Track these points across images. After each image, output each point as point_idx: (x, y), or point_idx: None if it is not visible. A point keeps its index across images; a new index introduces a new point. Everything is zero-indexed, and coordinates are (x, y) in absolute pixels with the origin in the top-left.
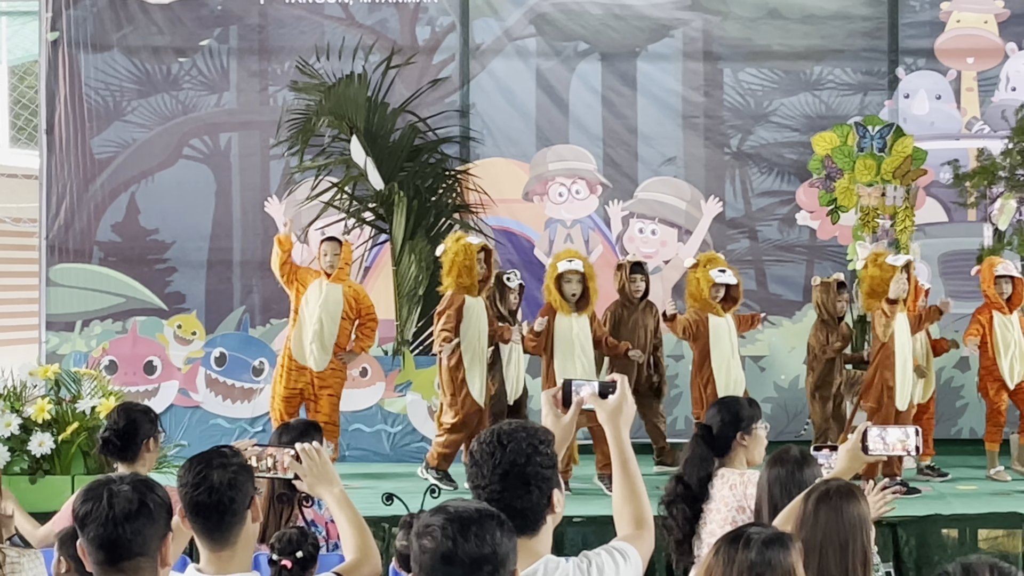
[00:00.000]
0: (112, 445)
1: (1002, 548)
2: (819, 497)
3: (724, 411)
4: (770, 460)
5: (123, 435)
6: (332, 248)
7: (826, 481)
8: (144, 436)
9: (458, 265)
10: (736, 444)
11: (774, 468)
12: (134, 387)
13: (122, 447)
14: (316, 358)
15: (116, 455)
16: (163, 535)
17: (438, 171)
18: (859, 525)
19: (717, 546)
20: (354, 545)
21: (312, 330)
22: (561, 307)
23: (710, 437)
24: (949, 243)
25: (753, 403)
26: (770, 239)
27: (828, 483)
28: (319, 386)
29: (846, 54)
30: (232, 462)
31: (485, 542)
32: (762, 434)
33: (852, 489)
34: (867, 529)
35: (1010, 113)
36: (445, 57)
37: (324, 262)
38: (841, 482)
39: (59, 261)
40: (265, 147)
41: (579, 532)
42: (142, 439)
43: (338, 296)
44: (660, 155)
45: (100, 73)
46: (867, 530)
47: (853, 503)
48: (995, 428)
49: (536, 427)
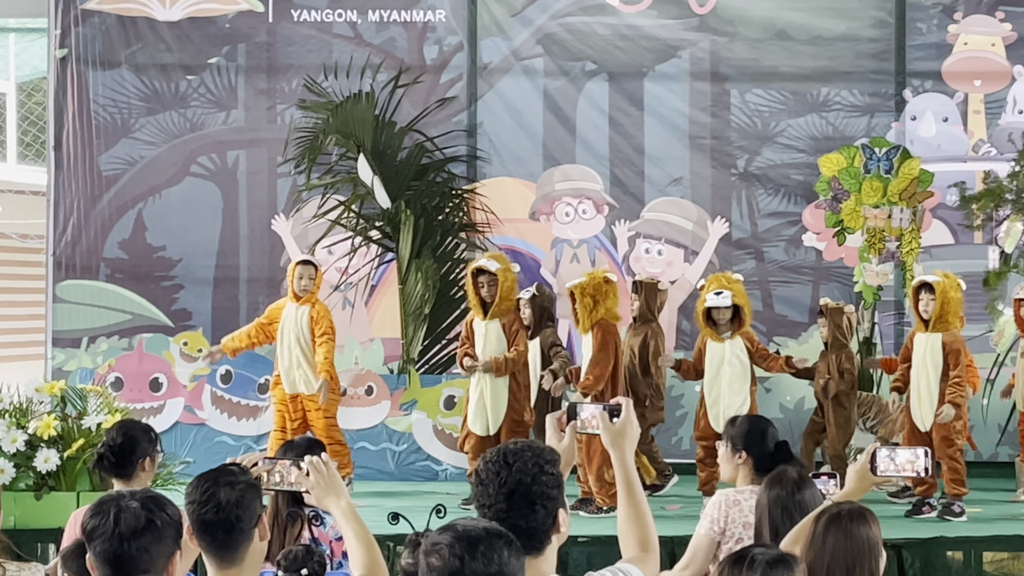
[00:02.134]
0: (107, 461)
1: (1008, 571)
2: (830, 519)
3: None
4: (768, 481)
5: (119, 452)
6: (307, 271)
7: (838, 504)
8: (141, 455)
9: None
10: None
11: (773, 489)
12: (140, 404)
13: (117, 464)
14: (307, 382)
15: (111, 472)
16: (170, 553)
17: (445, 190)
18: (868, 550)
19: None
20: (362, 561)
21: (294, 356)
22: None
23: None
24: (955, 265)
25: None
26: (776, 260)
27: (840, 505)
28: (313, 408)
29: (853, 76)
30: (240, 480)
31: (492, 561)
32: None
33: (864, 512)
34: (876, 554)
35: (1017, 136)
36: (453, 76)
37: (298, 285)
38: (854, 505)
39: (66, 277)
40: (272, 165)
41: (584, 552)
42: (139, 457)
43: (305, 318)
44: (667, 175)
45: (108, 90)
46: (876, 555)
47: (864, 527)
48: None
49: (542, 447)
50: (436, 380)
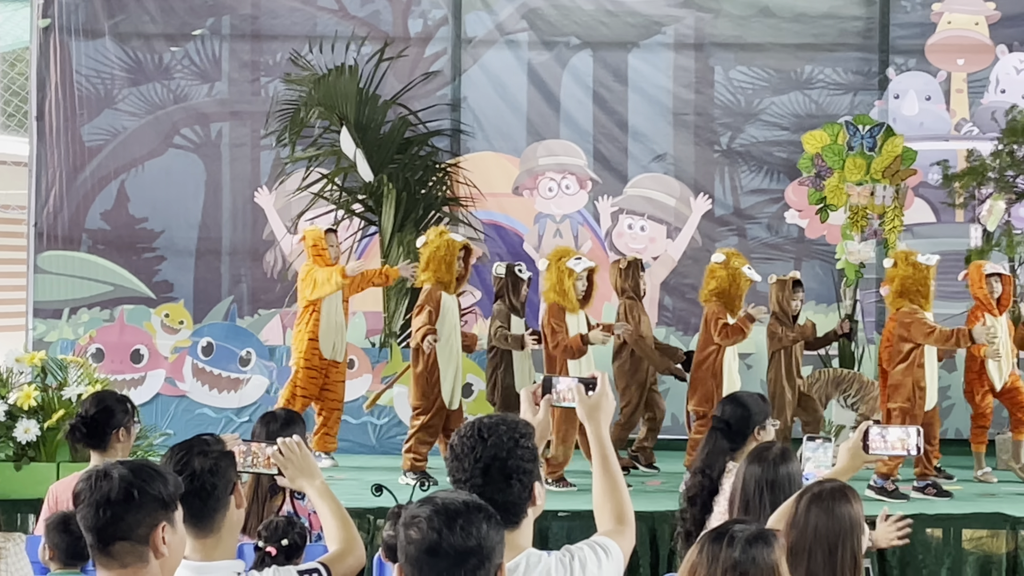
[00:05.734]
0: (79, 432)
1: (986, 548)
2: (811, 498)
3: (741, 405)
4: (750, 455)
5: (93, 423)
6: (335, 239)
7: (820, 482)
8: (116, 426)
9: (438, 259)
10: (751, 439)
11: (752, 464)
12: (120, 375)
13: (90, 435)
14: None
15: (85, 443)
16: (153, 523)
17: (428, 164)
18: (849, 528)
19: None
20: (338, 536)
21: (336, 321)
22: None
23: (728, 431)
24: (937, 243)
25: (764, 399)
26: (758, 237)
27: (823, 483)
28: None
29: (837, 53)
30: (213, 449)
31: (471, 535)
32: (771, 430)
33: (846, 490)
34: (858, 533)
35: (1000, 115)
36: (437, 50)
37: (333, 253)
38: (836, 483)
39: (47, 248)
40: (256, 137)
41: (564, 526)
42: (113, 428)
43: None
44: (650, 151)
45: (91, 61)
46: (858, 534)
47: (845, 505)
48: (980, 430)
49: (517, 420)
50: None
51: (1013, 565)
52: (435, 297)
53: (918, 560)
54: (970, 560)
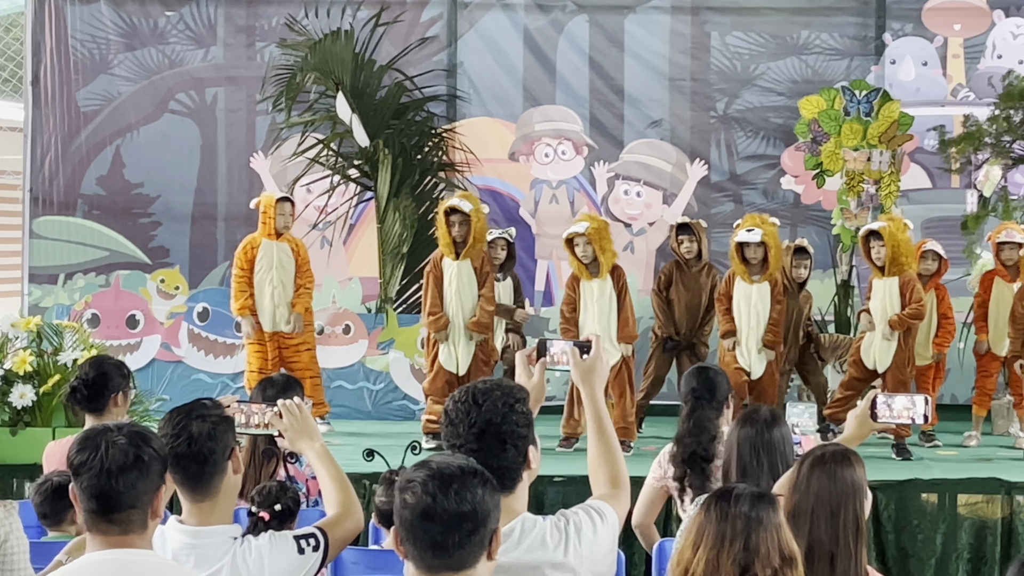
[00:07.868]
0: (79, 395)
1: (981, 514)
2: (814, 461)
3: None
4: (740, 419)
5: (92, 386)
6: (288, 208)
7: (822, 446)
8: (113, 389)
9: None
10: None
11: (744, 427)
12: (116, 341)
13: (90, 398)
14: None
15: (83, 406)
16: (156, 488)
17: (424, 129)
18: (852, 492)
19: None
20: (336, 500)
21: (276, 293)
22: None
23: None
24: (932, 209)
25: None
26: (755, 203)
27: (825, 447)
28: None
29: (833, 19)
30: (212, 413)
31: (465, 499)
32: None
33: (848, 455)
34: (861, 497)
35: (997, 80)
36: (433, 15)
37: (280, 222)
38: (838, 446)
39: (43, 213)
40: (251, 102)
41: (559, 491)
42: (111, 392)
43: (288, 254)
44: (646, 117)
45: (86, 25)
46: (861, 498)
47: (848, 469)
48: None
49: (511, 385)
50: (413, 319)
51: (1008, 530)
52: (435, 260)
53: (913, 525)
54: (965, 525)
